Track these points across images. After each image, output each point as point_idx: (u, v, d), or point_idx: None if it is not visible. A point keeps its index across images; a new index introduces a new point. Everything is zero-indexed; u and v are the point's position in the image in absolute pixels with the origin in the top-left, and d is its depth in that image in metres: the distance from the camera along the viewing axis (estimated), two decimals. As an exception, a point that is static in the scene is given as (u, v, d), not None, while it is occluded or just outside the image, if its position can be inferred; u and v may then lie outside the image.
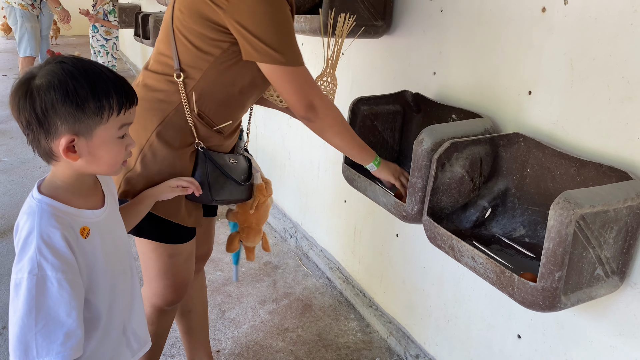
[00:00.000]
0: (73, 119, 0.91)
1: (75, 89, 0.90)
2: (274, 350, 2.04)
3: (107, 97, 0.93)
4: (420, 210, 1.38)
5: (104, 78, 0.94)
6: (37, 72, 0.92)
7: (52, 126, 0.91)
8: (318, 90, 1.32)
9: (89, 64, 0.95)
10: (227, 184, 1.38)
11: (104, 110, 0.93)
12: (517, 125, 1.40)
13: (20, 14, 4.99)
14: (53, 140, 0.92)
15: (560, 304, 1.05)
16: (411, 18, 1.76)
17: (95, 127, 0.93)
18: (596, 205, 1.00)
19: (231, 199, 1.43)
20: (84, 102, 0.91)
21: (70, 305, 0.92)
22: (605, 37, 1.16)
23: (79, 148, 0.93)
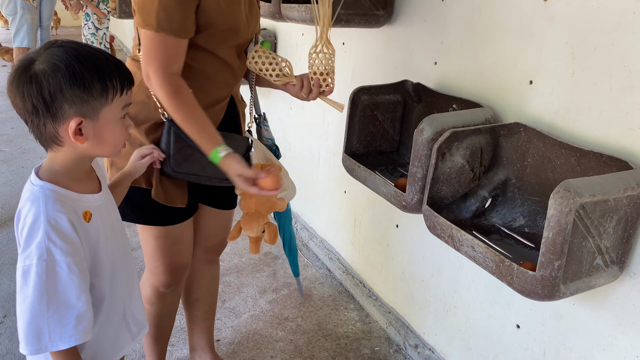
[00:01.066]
0: (81, 102, 0.91)
1: (81, 71, 0.90)
2: (273, 340, 2.04)
3: (110, 79, 0.94)
4: (420, 200, 1.38)
5: (104, 60, 0.94)
6: (37, 57, 0.91)
7: (59, 110, 0.91)
8: (158, 64, 1.23)
9: (88, 47, 0.95)
10: (195, 156, 1.32)
11: (108, 91, 0.94)
12: (518, 115, 1.40)
13: (22, 4, 4.96)
14: (60, 125, 0.92)
15: (559, 293, 1.05)
16: (412, 7, 1.75)
17: (101, 108, 0.94)
18: (596, 194, 1.00)
19: (205, 174, 1.36)
20: (91, 84, 0.91)
21: (80, 289, 0.94)
22: (607, 26, 1.15)
23: (86, 131, 0.94)
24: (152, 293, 1.54)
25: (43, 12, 5.47)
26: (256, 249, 1.50)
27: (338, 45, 2.19)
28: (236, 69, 1.41)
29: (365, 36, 2.01)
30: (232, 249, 2.69)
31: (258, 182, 1.26)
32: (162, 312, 1.60)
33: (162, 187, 1.36)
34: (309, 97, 1.44)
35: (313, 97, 1.43)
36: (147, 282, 1.54)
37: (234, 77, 1.42)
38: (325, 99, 1.44)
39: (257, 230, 1.45)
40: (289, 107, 2.78)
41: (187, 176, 1.35)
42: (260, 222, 1.45)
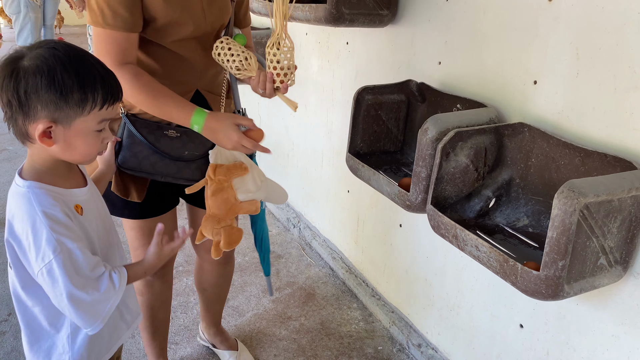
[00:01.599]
0: (54, 107, 0.91)
1: (62, 77, 0.90)
2: (277, 339, 2.05)
3: (92, 90, 0.93)
4: (424, 199, 1.38)
5: (93, 70, 0.94)
6: (27, 53, 0.92)
7: (32, 109, 0.91)
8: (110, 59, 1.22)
9: (81, 54, 0.95)
10: (144, 153, 1.32)
11: (86, 103, 0.93)
12: (522, 115, 1.40)
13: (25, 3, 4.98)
14: (30, 123, 0.92)
15: (563, 293, 1.05)
16: (416, 7, 1.75)
17: (75, 117, 0.94)
18: (600, 194, 1.00)
19: (154, 172, 1.35)
20: (69, 92, 0.91)
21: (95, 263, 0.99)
22: (612, 26, 1.16)
23: (55, 135, 0.94)
24: (140, 283, 1.58)
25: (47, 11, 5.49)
26: (216, 253, 1.41)
27: (342, 44, 2.19)
28: (195, 63, 1.38)
29: (369, 36, 2.02)
30: (236, 248, 2.69)
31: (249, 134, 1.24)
32: (154, 302, 1.62)
33: (121, 180, 1.37)
34: (265, 93, 1.35)
35: (267, 93, 1.34)
36: None
37: (193, 70, 1.39)
38: (280, 96, 1.34)
39: (213, 233, 1.38)
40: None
41: (137, 173, 1.35)
42: (216, 225, 1.37)
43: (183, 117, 1.24)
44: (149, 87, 1.24)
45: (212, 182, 1.33)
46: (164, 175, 1.36)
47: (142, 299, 1.61)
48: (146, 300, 1.61)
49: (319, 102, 2.49)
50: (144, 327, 1.67)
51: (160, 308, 1.67)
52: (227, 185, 1.33)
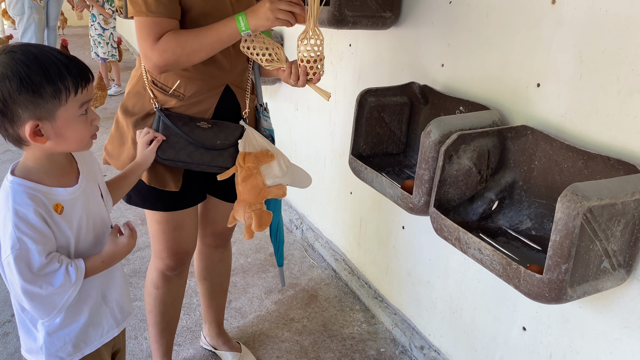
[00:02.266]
0: (33, 106, 0.94)
1: (28, 76, 0.92)
2: (279, 340, 2.05)
3: (61, 80, 0.95)
4: (427, 202, 1.38)
5: (54, 61, 0.96)
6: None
7: (15, 115, 0.94)
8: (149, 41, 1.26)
9: (39, 49, 0.97)
10: (181, 144, 1.37)
11: (61, 93, 0.96)
12: (525, 118, 1.40)
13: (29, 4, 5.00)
14: (19, 127, 0.96)
15: (566, 296, 1.05)
16: (420, 9, 1.75)
17: (56, 110, 0.96)
18: (604, 198, 1.00)
19: (191, 161, 1.40)
20: (40, 87, 0.94)
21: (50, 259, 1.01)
22: (615, 29, 1.16)
23: (45, 131, 0.97)
24: (157, 276, 1.61)
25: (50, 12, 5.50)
26: (248, 235, 1.51)
27: (345, 46, 2.19)
28: (226, 58, 1.42)
29: (372, 38, 2.02)
30: (238, 250, 2.70)
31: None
32: (167, 297, 1.65)
33: (155, 172, 1.42)
34: (297, 83, 1.42)
35: (301, 84, 1.41)
36: (153, 265, 1.61)
37: (224, 66, 1.43)
38: (313, 86, 1.42)
39: (245, 217, 1.47)
40: (295, 108, 2.79)
41: (174, 163, 1.40)
42: (247, 210, 1.46)
43: (229, 25, 1.27)
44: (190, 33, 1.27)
45: (242, 169, 1.42)
46: (200, 164, 1.41)
47: (156, 292, 1.63)
48: (160, 295, 1.63)
49: (321, 104, 2.49)
50: (153, 322, 1.68)
51: (173, 304, 1.69)
52: (255, 171, 1.43)
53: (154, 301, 1.64)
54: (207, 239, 1.76)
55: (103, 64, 5.83)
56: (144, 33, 1.26)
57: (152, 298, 1.64)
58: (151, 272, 1.62)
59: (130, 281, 2.39)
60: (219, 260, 1.83)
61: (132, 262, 2.55)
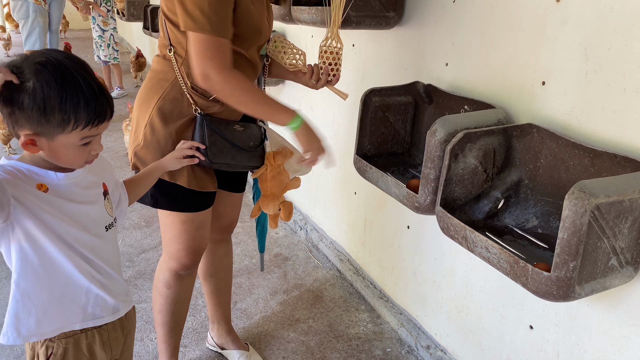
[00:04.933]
0: (37, 124, 0.96)
1: (43, 98, 0.93)
2: (285, 341, 2.05)
3: (75, 112, 0.95)
4: (433, 201, 1.38)
5: (78, 91, 0.95)
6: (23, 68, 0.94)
7: (19, 120, 0.96)
8: (217, 63, 1.29)
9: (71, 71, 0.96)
10: (227, 148, 1.44)
11: (68, 124, 0.96)
12: (531, 116, 1.40)
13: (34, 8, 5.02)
14: (19, 130, 0.98)
15: (574, 294, 1.05)
16: (423, 9, 1.75)
17: (57, 134, 0.97)
18: (611, 195, 1.00)
19: (234, 163, 1.47)
20: (51, 112, 0.94)
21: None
22: (621, 26, 1.15)
23: (40, 144, 0.98)
24: (170, 276, 1.62)
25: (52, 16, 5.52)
26: (274, 224, 1.68)
27: (348, 46, 2.19)
28: (257, 66, 1.52)
29: (375, 38, 2.02)
30: (243, 251, 2.70)
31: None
32: (178, 296, 1.66)
33: (195, 175, 1.46)
34: (317, 84, 1.57)
35: (321, 84, 1.57)
36: (166, 266, 1.61)
37: (255, 73, 1.53)
38: (331, 87, 1.58)
39: (274, 209, 1.62)
40: (298, 108, 2.79)
41: (221, 165, 1.46)
42: (276, 202, 1.61)
43: (284, 118, 1.40)
44: (252, 94, 1.35)
45: (273, 167, 1.54)
46: (240, 165, 1.50)
47: (168, 292, 1.64)
48: (172, 294, 1.64)
49: (325, 104, 2.49)
50: (163, 322, 1.69)
51: (182, 304, 1.70)
52: (282, 168, 1.58)
53: (165, 301, 1.65)
54: (213, 234, 1.78)
55: (105, 67, 5.84)
56: (209, 54, 1.28)
57: (164, 298, 1.65)
58: (163, 273, 1.63)
59: (135, 283, 2.39)
60: (223, 255, 1.86)
61: (137, 264, 2.55)
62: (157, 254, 2.64)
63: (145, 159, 1.43)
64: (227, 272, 1.90)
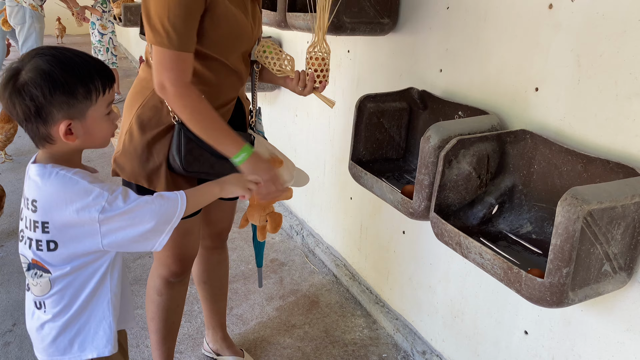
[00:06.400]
0: (67, 106, 0.99)
1: (64, 78, 0.98)
2: (281, 347, 2.05)
3: (92, 81, 1.01)
4: (427, 207, 1.38)
5: (85, 64, 1.02)
6: (22, 66, 0.98)
7: (49, 115, 0.99)
8: (173, 75, 1.28)
9: (69, 52, 1.02)
10: (204, 156, 1.41)
11: (92, 93, 1.02)
12: (524, 122, 1.41)
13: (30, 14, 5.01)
14: (51, 127, 1.01)
15: (567, 300, 1.05)
16: (417, 15, 1.76)
17: (87, 109, 1.02)
18: (604, 201, 1.00)
19: (213, 171, 1.43)
20: (74, 88, 0.99)
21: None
22: (613, 33, 1.16)
23: (75, 130, 1.03)
24: (160, 283, 1.61)
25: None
26: (262, 236, 1.65)
27: (343, 52, 2.20)
28: (242, 74, 1.49)
29: (370, 44, 2.03)
30: (239, 257, 2.70)
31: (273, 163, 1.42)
32: (170, 304, 1.65)
33: (174, 182, 1.44)
34: (303, 91, 1.53)
35: (307, 91, 1.53)
36: (156, 272, 1.61)
37: (241, 81, 1.50)
38: (318, 94, 1.54)
39: (260, 220, 1.60)
40: (294, 114, 2.80)
41: (198, 174, 1.44)
42: (262, 213, 1.59)
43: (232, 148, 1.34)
44: (202, 117, 1.33)
45: None
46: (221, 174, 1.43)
47: (159, 299, 1.63)
48: (163, 302, 1.64)
49: (320, 110, 2.50)
50: (156, 329, 1.68)
51: (175, 311, 1.69)
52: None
53: (156, 308, 1.65)
54: (206, 241, 1.77)
55: None
56: (165, 66, 1.28)
57: (155, 305, 1.64)
58: (154, 280, 1.62)
59: (131, 289, 2.38)
60: (217, 262, 1.85)
61: (134, 270, 2.55)
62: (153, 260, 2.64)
63: (124, 166, 1.42)
64: (221, 279, 1.89)
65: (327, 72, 1.53)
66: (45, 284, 1.09)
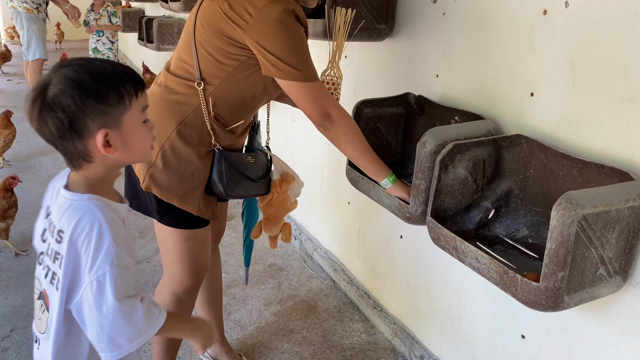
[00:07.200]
0: (101, 114, 0.93)
1: (94, 85, 0.92)
2: (279, 352, 2.05)
3: (122, 85, 0.96)
4: (424, 211, 1.39)
5: (113, 69, 0.97)
6: (49, 80, 0.93)
7: (84, 127, 0.93)
8: (332, 101, 1.41)
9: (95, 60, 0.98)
10: (242, 181, 1.49)
11: (124, 98, 0.96)
12: (520, 127, 1.42)
13: (26, 17, 5.00)
14: (88, 140, 0.94)
15: (563, 304, 1.06)
16: (414, 21, 1.77)
17: (122, 116, 0.96)
18: (598, 205, 1.01)
19: (246, 194, 1.54)
20: (106, 94, 0.93)
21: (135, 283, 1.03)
22: (606, 39, 1.17)
23: (113, 141, 0.96)
24: (170, 299, 1.58)
25: None
26: (274, 244, 1.79)
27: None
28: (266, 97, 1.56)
29: (367, 49, 2.04)
30: (237, 261, 2.70)
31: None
32: None
33: (206, 204, 1.47)
34: None
35: None
36: (167, 288, 1.58)
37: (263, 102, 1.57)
38: None
39: (276, 231, 1.73)
40: (292, 119, 2.81)
41: (235, 197, 1.51)
42: (279, 225, 1.72)
43: (383, 173, 1.50)
44: (363, 144, 1.47)
45: (279, 194, 1.64)
46: (252, 194, 1.58)
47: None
48: None
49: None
50: (159, 340, 1.66)
51: None
52: (286, 195, 1.66)
53: None
54: None
55: None
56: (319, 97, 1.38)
57: None
58: (163, 295, 1.59)
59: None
60: (212, 265, 1.84)
61: (131, 275, 2.54)
62: (151, 265, 2.64)
63: (162, 182, 1.40)
64: (217, 282, 1.89)
65: (339, 95, 1.64)
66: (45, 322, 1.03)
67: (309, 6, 1.48)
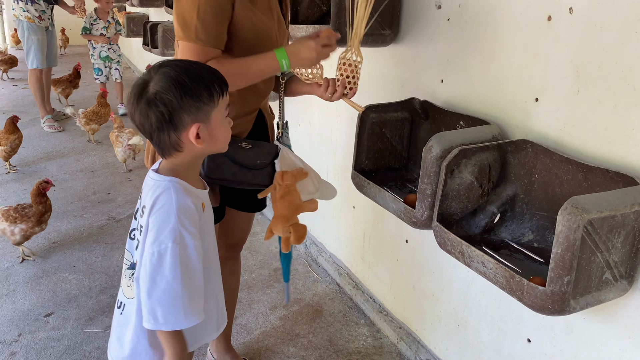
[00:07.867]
0: (196, 110, 1.07)
1: (191, 84, 1.05)
2: (285, 356, 2.06)
3: (212, 84, 1.09)
4: (430, 216, 1.40)
5: (203, 70, 1.10)
6: (149, 78, 1.06)
7: (179, 120, 1.06)
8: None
9: (187, 62, 1.11)
10: (227, 164, 1.44)
11: (214, 95, 1.09)
12: (525, 132, 1.42)
13: (27, 26, 5.03)
14: (181, 133, 1.07)
15: (569, 308, 1.07)
16: (418, 27, 1.79)
17: (211, 112, 1.09)
18: (603, 210, 1.02)
19: (235, 180, 1.47)
20: (200, 93, 1.06)
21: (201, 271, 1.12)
22: (610, 45, 1.18)
23: (202, 134, 1.09)
24: None
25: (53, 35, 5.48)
26: (286, 248, 1.60)
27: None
28: (263, 87, 1.54)
29: (372, 55, 2.05)
30: (243, 266, 2.71)
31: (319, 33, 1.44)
32: None
33: None
34: (332, 97, 1.53)
35: (337, 97, 1.53)
36: None
37: (260, 94, 1.54)
38: (347, 100, 1.55)
39: (283, 231, 1.55)
40: (297, 124, 2.82)
41: (220, 181, 1.47)
42: (285, 224, 1.53)
43: (271, 64, 1.39)
44: (233, 63, 1.37)
45: (281, 187, 1.51)
46: (242, 182, 1.50)
47: None
48: None
49: (323, 120, 2.52)
50: None
51: None
52: (292, 188, 1.53)
53: None
54: (220, 251, 1.73)
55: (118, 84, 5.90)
56: (187, 58, 1.33)
57: None
58: None
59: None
60: (229, 273, 1.83)
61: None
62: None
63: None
64: (232, 290, 1.86)
65: (357, 79, 1.54)
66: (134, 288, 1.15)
67: None
